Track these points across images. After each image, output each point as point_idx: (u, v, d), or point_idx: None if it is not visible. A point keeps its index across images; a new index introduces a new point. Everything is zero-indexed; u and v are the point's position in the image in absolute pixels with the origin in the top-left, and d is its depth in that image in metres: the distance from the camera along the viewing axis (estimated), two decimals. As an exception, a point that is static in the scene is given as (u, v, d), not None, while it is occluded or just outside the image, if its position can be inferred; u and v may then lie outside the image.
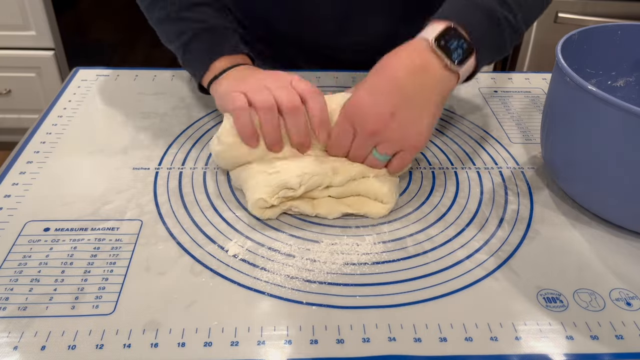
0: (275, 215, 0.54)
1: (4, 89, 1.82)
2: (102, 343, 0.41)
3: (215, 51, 0.63)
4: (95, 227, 0.52)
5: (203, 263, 0.49)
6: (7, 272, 0.47)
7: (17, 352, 0.41)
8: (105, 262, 0.48)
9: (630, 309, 0.46)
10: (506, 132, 0.69)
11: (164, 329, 0.43)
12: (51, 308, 0.44)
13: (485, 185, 0.59)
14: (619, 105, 0.45)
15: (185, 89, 0.76)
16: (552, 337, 0.43)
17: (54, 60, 1.77)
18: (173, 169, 0.60)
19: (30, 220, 0.53)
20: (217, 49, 0.64)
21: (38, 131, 0.66)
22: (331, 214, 0.54)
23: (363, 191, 0.55)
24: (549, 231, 0.53)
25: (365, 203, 0.55)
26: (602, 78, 0.63)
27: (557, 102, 0.55)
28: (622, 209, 0.52)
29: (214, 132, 0.67)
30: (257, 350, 0.41)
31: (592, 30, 0.59)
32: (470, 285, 0.47)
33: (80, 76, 0.78)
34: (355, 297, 0.46)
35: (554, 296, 0.47)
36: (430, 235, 0.53)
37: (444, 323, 0.44)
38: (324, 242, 0.51)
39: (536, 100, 0.76)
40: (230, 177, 0.58)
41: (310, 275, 0.48)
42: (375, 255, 0.50)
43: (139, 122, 0.69)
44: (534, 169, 0.62)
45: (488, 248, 0.51)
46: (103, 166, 0.60)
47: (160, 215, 0.54)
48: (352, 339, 0.43)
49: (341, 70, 0.80)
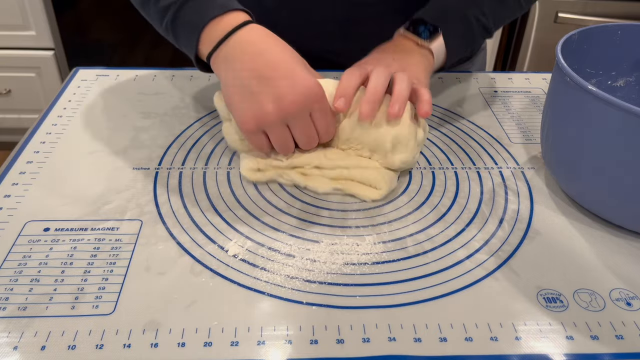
0: (265, 179, 0.58)
1: (4, 89, 1.82)
2: (102, 343, 0.41)
3: (204, 15, 0.56)
4: (95, 227, 0.52)
5: (203, 263, 0.49)
6: (7, 272, 0.47)
7: (17, 352, 0.41)
8: (105, 262, 0.48)
9: (630, 309, 0.46)
10: (506, 132, 0.69)
11: (164, 329, 0.43)
12: (51, 308, 0.44)
13: (485, 185, 0.59)
14: (619, 105, 0.45)
15: (185, 89, 0.76)
16: (552, 337, 0.43)
17: (54, 60, 1.77)
18: (173, 169, 0.60)
19: (30, 220, 0.53)
20: (205, 13, 0.56)
21: (38, 131, 0.66)
22: (321, 187, 0.57)
23: (357, 177, 0.57)
24: (549, 231, 0.53)
25: (358, 186, 0.57)
26: (602, 78, 0.63)
27: (557, 102, 0.55)
28: (622, 209, 0.52)
29: (214, 131, 0.67)
30: (257, 350, 0.41)
31: (592, 30, 0.59)
32: (470, 285, 0.47)
33: (80, 76, 0.78)
34: (355, 297, 0.46)
35: (554, 296, 0.47)
36: (430, 235, 0.53)
37: (444, 323, 0.44)
38: (324, 242, 0.51)
39: (536, 100, 0.76)
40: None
41: (310, 275, 0.48)
42: (375, 255, 0.50)
43: (139, 122, 0.69)
44: (534, 169, 0.62)
45: (488, 248, 0.51)
46: (103, 166, 0.60)
47: (160, 215, 0.54)
48: (352, 339, 0.43)
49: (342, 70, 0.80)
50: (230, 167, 0.61)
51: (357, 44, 0.78)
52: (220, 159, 0.62)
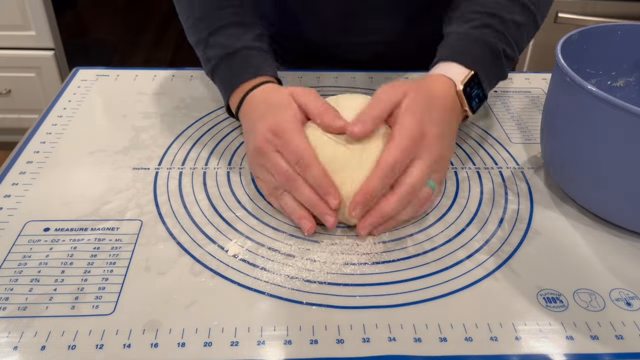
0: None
1: (4, 89, 1.82)
2: (102, 343, 0.41)
3: (233, 82, 0.62)
4: (95, 227, 0.52)
5: (203, 263, 0.49)
6: (7, 272, 0.47)
7: (17, 352, 0.41)
8: (105, 262, 0.48)
9: (630, 309, 0.46)
10: (506, 132, 0.69)
11: (164, 329, 0.43)
12: (51, 308, 0.44)
13: (485, 185, 0.59)
14: (619, 105, 0.45)
15: (185, 89, 0.76)
16: (552, 337, 0.43)
17: (54, 60, 1.77)
18: (173, 169, 0.60)
19: (30, 220, 0.53)
20: (235, 78, 0.61)
21: (38, 131, 0.66)
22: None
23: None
24: (549, 231, 0.53)
25: None
26: (602, 78, 0.63)
27: (557, 102, 0.55)
28: (622, 209, 0.52)
29: (214, 132, 0.67)
30: (257, 350, 0.41)
31: (592, 30, 0.59)
32: (470, 285, 0.47)
33: (80, 76, 0.78)
34: (355, 297, 0.46)
35: (554, 296, 0.47)
36: (430, 235, 0.53)
37: (444, 323, 0.44)
38: (324, 242, 0.51)
39: (536, 100, 0.76)
40: None
41: (310, 275, 0.48)
42: (375, 255, 0.50)
43: (139, 122, 0.69)
44: (534, 169, 0.62)
45: (488, 248, 0.51)
46: (103, 166, 0.60)
47: (160, 215, 0.54)
48: (352, 339, 0.43)
49: (342, 70, 0.80)
50: (230, 167, 0.61)
51: (357, 38, 0.79)
52: (220, 159, 0.62)
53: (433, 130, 0.52)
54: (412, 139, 0.50)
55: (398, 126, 0.51)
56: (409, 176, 0.50)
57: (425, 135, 0.51)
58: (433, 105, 0.54)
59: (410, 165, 0.51)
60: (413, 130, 0.50)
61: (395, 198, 0.50)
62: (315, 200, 0.51)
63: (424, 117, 0.52)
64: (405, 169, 0.51)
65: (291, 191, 0.52)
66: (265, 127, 0.53)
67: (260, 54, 0.63)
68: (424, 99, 0.53)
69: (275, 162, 0.52)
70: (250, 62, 0.61)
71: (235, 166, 0.61)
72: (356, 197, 0.50)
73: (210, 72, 0.64)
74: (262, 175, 0.55)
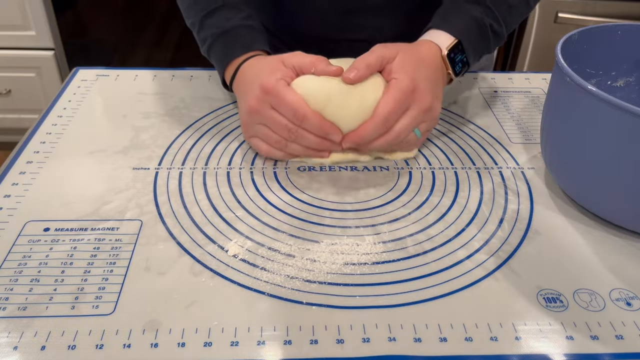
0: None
1: (4, 89, 1.82)
2: (102, 343, 0.41)
3: (227, 56, 0.66)
4: (95, 227, 0.52)
5: (203, 263, 0.49)
6: (7, 272, 0.47)
7: (17, 352, 0.41)
8: (105, 262, 0.48)
9: (630, 309, 0.46)
10: (506, 132, 0.69)
11: (164, 329, 0.43)
12: (51, 308, 0.44)
13: (485, 185, 0.59)
14: (619, 105, 0.45)
15: (185, 89, 0.76)
16: (552, 337, 0.43)
17: (54, 60, 1.77)
18: (173, 169, 0.60)
19: (30, 220, 0.53)
20: (229, 54, 0.66)
21: (38, 131, 0.66)
22: (362, 157, 0.63)
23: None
24: (549, 231, 0.53)
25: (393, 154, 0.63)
26: (602, 78, 0.63)
27: (557, 102, 0.55)
28: (622, 209, 0.52)
29: (214, 131, 0.67)
30: (257, 350, 0.41)
31: (592, 30, 0.59)
32: (470, 285, 0.47)
33: (80, 76, 0.78)
34: (355, 297, 0.46)
35: (554, 296, 0.47)
36: (430, 235, 0.53)
37: (444, 323, 0.44)
38: (324, 242, 0.51)
39: (536, 100, 0.76)
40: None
41: (310, 275, 0.48)
42: (375, 255, 0.50)
43: (139, 122, 0.69)
44: (534, 169, 0.62)
45: (488, 248, 0.51)
46: (103, 166, 0.60)
47: (160, 215, 0.54)
48: (352, 339, 0.43)
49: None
50: (230, 167, 0.61)
51: (355, 36, 0.79)
52: (220, 159, 0.62)
53: (423, 85, 0.58)
54: (405, 92, 0.57)
55: (393, 80, 0.58)
56: (399, 123, 0.58)
57: (417, 89, 0.58)
58: (422, 64, 0.60)
59: (402, 114, 0.58)
60: (407, 84, 0.57)
61: (372, 126, 0.57)
62: (319, 141, 0.58)
63: (415, 73, 0.58)
64: (398, 118, 0.58)
65: (295, 140, 0.59)
66: (257, 88, 0.58)
67: (250, 32, 0.67)
68: (414, 58, 0.60)
69: (273, 118, 0.58)
70: (242, 39, 0.66)
71: (235, 166, 0.61)
72: (351, 135, 0.58)
73: (206, 52, 0.69)
74: (259, 133, 0.60)
